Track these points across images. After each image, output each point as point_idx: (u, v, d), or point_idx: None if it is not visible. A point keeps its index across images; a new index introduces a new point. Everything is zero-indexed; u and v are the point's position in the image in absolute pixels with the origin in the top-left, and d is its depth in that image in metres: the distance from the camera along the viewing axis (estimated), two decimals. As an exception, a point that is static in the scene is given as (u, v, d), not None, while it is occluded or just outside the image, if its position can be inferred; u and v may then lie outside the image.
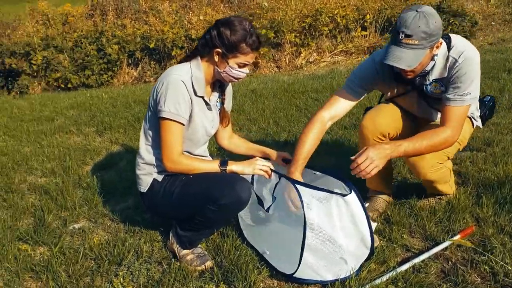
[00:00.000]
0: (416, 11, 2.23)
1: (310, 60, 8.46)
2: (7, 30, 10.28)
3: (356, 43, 8.53)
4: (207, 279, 2.31)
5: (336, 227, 2.19)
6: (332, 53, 8.50)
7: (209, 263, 2.41)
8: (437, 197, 2.89)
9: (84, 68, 8.73)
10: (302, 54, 8.50)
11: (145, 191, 2.49)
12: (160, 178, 2.45)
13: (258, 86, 6.64)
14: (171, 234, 2.56)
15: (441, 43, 2.39)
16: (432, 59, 2.44)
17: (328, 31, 8.51)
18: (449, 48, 2.43)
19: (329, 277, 2.22)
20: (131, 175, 3.69)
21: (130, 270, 2.41)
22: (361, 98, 2.71)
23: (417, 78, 2.54)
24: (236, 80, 2.42)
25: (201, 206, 2.29)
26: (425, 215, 2.73)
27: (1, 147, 4.81)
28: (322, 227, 2.16)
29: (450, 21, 8.13)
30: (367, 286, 2.13)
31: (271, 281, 2.30)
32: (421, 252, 2.42)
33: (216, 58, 2.34)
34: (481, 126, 2.82)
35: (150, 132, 2.45)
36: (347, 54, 8.56)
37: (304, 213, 2.13)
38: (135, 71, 9.06)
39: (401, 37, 2.25)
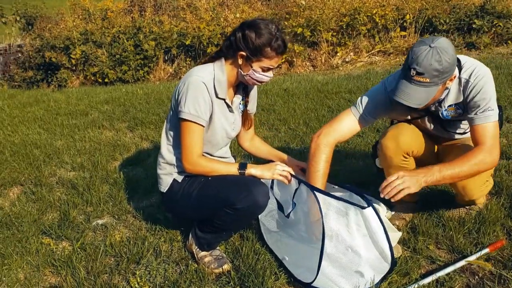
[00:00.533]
0: (430, 46, 2.13)
1: (347, 59, 8.33)
2: (48, 24, 10.52)
3: (395, 44, 8.34)
4: (223, 283, 2.28)
5: (355, 238, 2.12)
6: (369, 53, 8.33)
7: (226, 266, 2.38)
8: (467, 207, 2.77)
9: (121, 63, 8.84)
10: (338, 54, 8.37)
11: (165, 191, 2.48)
12: (180, 178, 2.44)
13: (291, 85, 6.57)
14: (190, 235, 2.54)
15: (455, 76, 2.28)
16: (446, 88, 2.35)
17: (366, 31, 8.35)
18: (460, 70, 2.33)
19: (347, 287, 2.15)
20: (154, 172, 3.70)
21: (148, 269, 2.40)
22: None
23: (432, 106, 2.46)
24: (259, 84, 2.38)
25: (218, 209, 2.26)
26: (453, 226, 2.62)
27: (34, 140, 4.91)
28: (341, 236, 2.10)
29: (494, 23, 7.86)
30: (387, 298, 2.05)
31: (288, 287, 2.25)
32: (446, 265, 2.32)
33: (240, 61, 2.30)
34: None
35: (171, 132, 2.44)
36: (385, 54, 8.38)
37: (322, 221, 2.07)
38: (171, 68, 9.12)
39: (412, 73, 2.16)
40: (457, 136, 2.65)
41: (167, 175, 2.47)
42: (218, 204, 2.24)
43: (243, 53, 2.26)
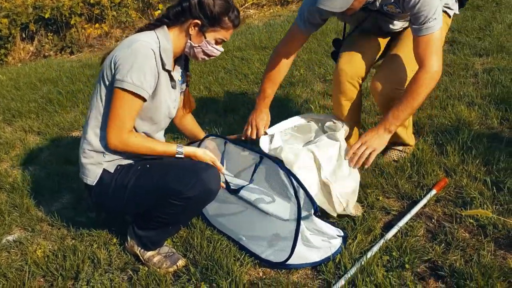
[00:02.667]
0: None
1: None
2: None
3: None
4: (184, 281, 2.04)
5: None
6: (243, 7, 8.17)
7: (181, 262, 2.13)
8: (398, 148, 2.78)
9: (-29, 48, 7.77)
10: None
11: (93, 184, 2.11)
12: (112, 168, 2.09)
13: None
14: (128, 235, 2.24)
15: None
16: None
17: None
18: None
19: (316, 258, 2.05)
20: (58, 168, 3.28)
21: (91, 284, 2.08)
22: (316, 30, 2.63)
23: (369, 6, 2.35)
24: (207, 58, 2.14)
25: (162, 201, 1.98)
26: (394, 172, 2.62)
27: None
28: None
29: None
30: (362, 261, 1.97)
31: (255, 271, 2.07)
32: (402, 213, 2.31)
33: (191, 31, 2.04)
34: (457, 12, 2.66)
35: (104, 111, 2.05)
36: (259, 6, 8.28)
37: (298, 198, 1.90)
38: (32, 46, 8.20)
39: None
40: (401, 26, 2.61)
41: (95, 165, 2.10)
42: (162, 194, 1.96)
43: (198, 21, 2.01)
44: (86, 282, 2.10)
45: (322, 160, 2.23)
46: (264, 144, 2.42)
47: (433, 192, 2.39)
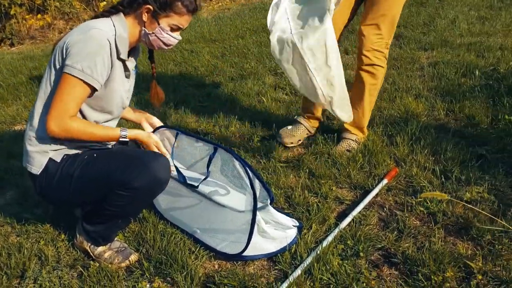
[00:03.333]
0: None
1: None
2: None
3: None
4: (137, 276, 1.98)
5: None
6: None
7: (133, 257, 2.07)
8: (351, 138, 2.83)
9: None
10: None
11: (37, 173, 2.00)
12: (58, 158, 1.99)
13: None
14: (77, 231, 2.15)
15: None
16: None
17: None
18: None
19: (272, 249, 2.04)
20: (1, 162, 3.13)
21: (38, 282, 1.99)
22: None
23: None
24: (165, 47, 2.06)
25: (108, 192, 1.90)
26: (346, 163, 2.65)
27: None
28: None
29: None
30: (317, 250, 1.98)
31: (211, 263, 2.04)
32: (355, 203, 2.34)
33: (144, 17, 1.97)
34: None
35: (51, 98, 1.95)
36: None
37: (254, 189, 1.88)
38: (-32, 37, 7.80)
39: None
40: None
41: (41, 154, 1.99)
42: (108, 185, 1.88)
43: (150, 7, 1.94)
44: (33, 280, 2.01)
45: (305, 51, 2.15)
46: (270, 17, 2.32)
47: (385, 181, 2.44)
